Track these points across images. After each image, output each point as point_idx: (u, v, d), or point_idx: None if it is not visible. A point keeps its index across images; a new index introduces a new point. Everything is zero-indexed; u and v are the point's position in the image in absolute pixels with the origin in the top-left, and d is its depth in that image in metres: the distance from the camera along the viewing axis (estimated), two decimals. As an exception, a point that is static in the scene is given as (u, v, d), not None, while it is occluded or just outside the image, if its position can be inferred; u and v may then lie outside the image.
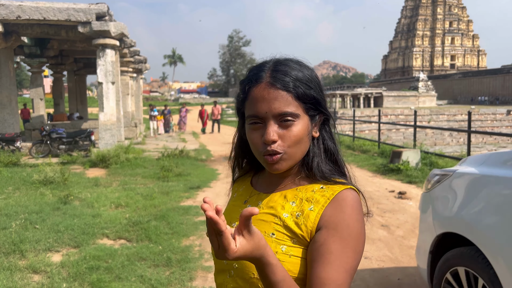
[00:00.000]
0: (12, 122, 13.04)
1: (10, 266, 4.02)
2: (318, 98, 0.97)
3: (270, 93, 0.93)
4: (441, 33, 76.78)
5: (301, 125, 0.94)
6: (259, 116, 0.94)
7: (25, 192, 7.25)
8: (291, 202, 0.97)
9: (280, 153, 0.93)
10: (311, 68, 1.00)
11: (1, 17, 10.52)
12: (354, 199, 0.93)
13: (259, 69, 0.97)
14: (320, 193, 0.95)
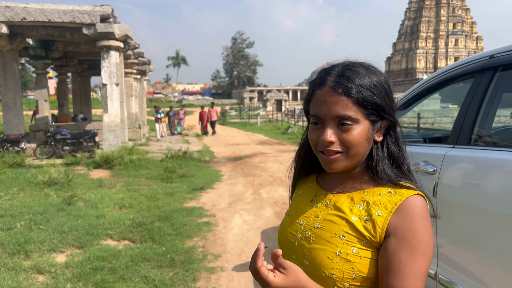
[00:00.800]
0: (17, 123, 13.12)
1: (15, 267, 4.06)
2: (381, 105, 0.98)
3: (331, 96, 0.97)
4: (444, 35, 76.62)
5: (360, 129, 0.96)
6: (319, 116, 0.98)
7: (29, 193, 7.29)
8: (359, 205, 0.99)
9: (337, 153, 0.98)
10: (381, 74, 1.02)
11: (6, 19, 10.60)
12: (421, 205, 0.94)
13: (327, 73, 1.02)
14: (388, 198, 0.97)
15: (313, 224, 1.04)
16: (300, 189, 1.18)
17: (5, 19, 10.59)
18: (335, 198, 1.05)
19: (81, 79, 20.85)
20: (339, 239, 0.97)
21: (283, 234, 1.11)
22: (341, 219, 0.99)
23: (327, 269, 0.95)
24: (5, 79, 12.93)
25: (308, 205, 1.10)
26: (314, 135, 1.01)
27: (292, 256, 1.05)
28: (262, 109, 45.02)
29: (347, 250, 0.95)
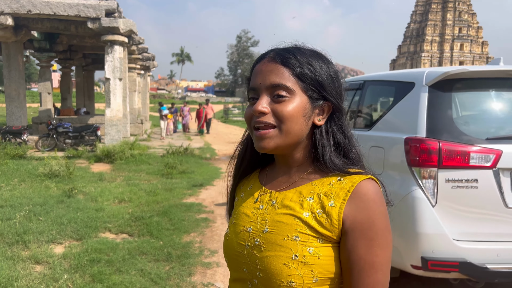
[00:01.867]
0: (20, 115, 13.18)
1: (13, 256, 4.09)
2: (322, 82, 0.92)
3: (268, 66, 0.92)
4: (450, 39, 76.48)
5: (296, 103, 0.90)
6: (254, 88, 0.93)
7: (30, 185, 7.34)
8: (309, 198, 0.91)
9: (270, 128, 0.90)
10: (329, 62, 0.96)
11: (12, 11, 10.65)
12: (375, 191, 0.88)
13: (271, 50, 0.97)
14: (339, 186, 0.90)
15: (261, 229, 0.93)
16: (242, 192, 1.07)
17: (11, 11, 10.63)
18: (281, 196, 0.95)
19: (85, 73, 20.90)
20: (293, 241, 0.87)
21: (229, 246, 0.99)
22: (291, 218, 0.90)
23: (284, 277, 0.86)
24: (9, 70, 12.99)
25: (252, 208, 0.99)
26: (248, 110, 0.94)
27: (243, 269, 0.94)
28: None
29: (303, 252, 0.86)
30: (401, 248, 2.94)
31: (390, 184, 3.02)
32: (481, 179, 2.81)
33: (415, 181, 2.89)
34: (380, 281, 0.86)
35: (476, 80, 3.14)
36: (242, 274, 0.95)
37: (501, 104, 3.21)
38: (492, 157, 2.80)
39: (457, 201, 2.84)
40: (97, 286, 3.49)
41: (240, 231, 0.97)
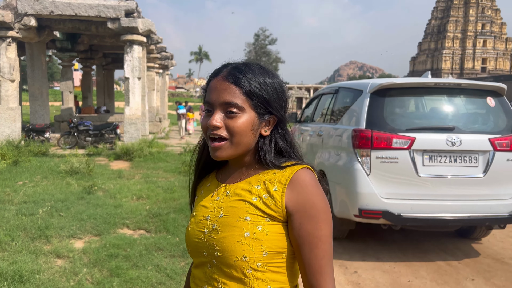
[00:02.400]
0: (43, 113, 13.53)
1: (35, 250, 4.24)
2: (268, 99, 1.06)
3: (222, 84, 1.05)
4: (472, 35, 74.80)
5: (246, 118, 1.03)
6: (209, 102, 1.06)
7: (52, 181, 7.55)
8: (257, 186, 1.06)
9: (223, 141, 1.04)
10: (275, 75, 1.10)
11: (35, 12, 10.93)
12: (311, 177, 1.04)
13: (224, 66, 1.10)
14: (281, 173, 1.05)
15: (217, 215, 1.07)
16: (202, 190, 1.21)
17: (34, 12, 10.92)
18: (234, 187, 1.10)
19: (105, 72, 21.28)
20: (244, 221, 1.02)
21: (191, 235, 1.11)
22: (242, 203, 1.05)
23: (239, 252, 1.00)
24: (33, 70, 13.34)
25: (210, 200, 1.13)
26: (204, 122, 1.07)
27: (203, 253, 1.07)
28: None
29: (254, 229, 1.01)
30: (347, 203, 4.25)
31: (342, 160, 4.49)
32: (400, 157, 4.08)
33: (356, 158, 4.18)
34: (327, 250, 1.01)
35: (400, 89, 4.45)
36: (202, 258, 1.08)
37: (417, 105, 4.62)
38: (408, 142, 4.08)
39: (384, 172, 4.11)
40: (115, 280, 3.59)
41: (200, 220, 1.10)
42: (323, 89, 6.22)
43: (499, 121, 4.36)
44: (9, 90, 11.02)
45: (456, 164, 4.11)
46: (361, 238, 4.98)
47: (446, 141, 4.07)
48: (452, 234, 5.16)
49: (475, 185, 4.14)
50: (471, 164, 4.13)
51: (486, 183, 4.13)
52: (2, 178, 7.57)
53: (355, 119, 4.39)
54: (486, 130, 4.31)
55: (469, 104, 4.52)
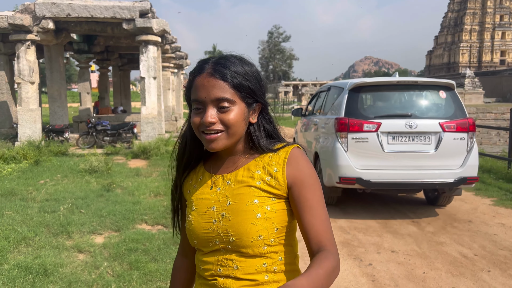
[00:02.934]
0: (62, 114, 13.83)
1: (58, 245, 4.39)
2: (253, 89, 1.13)
3: (209, 81, 1.09)
4: (490, 28, 73.28)
5: (237, 110, 1.10)
6: (199, 100, 1.10)
7: (72, 180, 7.75)
8: (257, 171, 1.14)
9: (219, 133, 1.09)
10: (252, 64, 1.16)
11: (52, 15, 11.18)
12: (302, 153, 1.17)
13: (204, 62, 1.14)
14: (277, 156, 1.15)
15: (224, 204, 1.13)
16: (193, 184, 1.24)
17: (52, 15, 11.17)
18: (233, 175, 1.16)
19: (121, 72, 21.58)
20: (254, 204, 1.10)
21: (196, 228, 1.15)
22: (248, 188, 1.13)
23: (254, 233, 1.08)
24: (51, 72, 13.65)
25: (210, 192, 1.17)
26: (197, 119, 1.11)
27: (214, 241, 1.12)
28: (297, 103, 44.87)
29: (264, 209, 1.10)
30: (332, 174, 5.50)
31: (328, 142, 5.74)
32: (370, 137, 5.34)
33: (337, 139, 5.44)
34: (324, 212, 1.12)
35: (371, 86, 5.81)
36: (214, 246, 1.13)
37: (383, 98, 5.89)
38: (376, 126, 5.34)
39: (358, 149, 5.36)
40: (134, 273, 3.70)
41: (204, 212, 1.15)
42: (321, 87, 7.59)
43: (448, 109, 5.60)
44: (29, 92, 11.31)
45: (413, 142, 5.39)
46: (375, 232, 5.01)
47: (405, 125, 5.35)
48: (462, 221, 5.15)
49: (428, 158, 5.38)
50: (425, 142, 5.39)
51: (437, 156, 5.36)
52: (24, 177, 7.80)
53: (338, 110, 5.72)
54: (437, 116, 5.51)
55: (424, 96, 5.78)
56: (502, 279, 3.70)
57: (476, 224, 5.30)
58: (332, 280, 1.01)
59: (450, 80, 5.89)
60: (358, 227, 5.20)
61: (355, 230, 5.08)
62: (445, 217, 5.59)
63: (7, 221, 5.06)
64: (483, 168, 8.67)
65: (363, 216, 5.67)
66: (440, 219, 5.53)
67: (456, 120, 5.42)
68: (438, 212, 5.85)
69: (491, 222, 5.39)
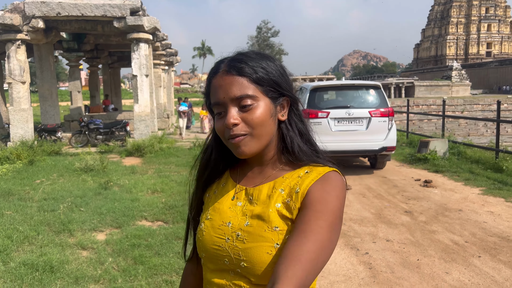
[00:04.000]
0: (53, 113, 13.78)
1: (61, 243, 4.47)
2: (277, 81, 1.00)
3: (225, 79, 0.97)
4: (476, 20, 74.11)
5: (262, 107, 0.97)
6: (219, 102, 0.98)
7: (68, 179, 7.79)
8: (280, 190, 0.99)
9: (244, 135, 0.96)
10: (273, 58, 1.04)
11: (42, 14, 11.13)
12: (337, 179, 0.97)
13: (220, 62, 1.02)
14: (306, 177, 0.98)
15: (242, 223, 0.99)
16: (214, 189, 1.12)
17: (41, 14, 11.12)
18: (257, 191, 1.02)
19: (111, 70, 21.50)
20: (273, 231, 0.94)
21: (206, 240, 1.02)
22: (268, 211, 0.97)
23: (269, 264, 0.92)
24: (42, 71, 13.58)
25: (230, 205, 1.05)
26: (220, 124, 0.98)
27: (224, 261, 0.99)
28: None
29: (284, 239, 0.93)
30: None
31: None
32: (323, 121, 7.66)
33: None
34: (314, 251, 0.87)
35: (323, 87, 8.46)
36: (222, 265, 0.99)
37: (332, 96, 8.44)
38: (326, 114, 7.72)
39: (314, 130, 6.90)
40: (139, 267, 3.81)
41: (219, 225, 1.02)
42: (298, 87, 9.56)
43: (375, 101, 8.04)
44: (20, 92, 11.27)
45: (351, 124, 7.84)
46: (370, 223, 5.17)
47: (345, 113, 7.82)
48: (453, 210, 5.33)
49: (361, 135, 7.77)
50: (359, 124, 7.84)
51: (367, 133, 7.77)
52: (20, 177, 7.83)
53: (303, 103, 7.62)
54: (367, 106, 7.95)
55: (359, 93, 8.28)
56: (492, 264, 3.89)
57: (466, 213, 5.49)
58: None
59: (377, 82, 8.64)
60: (353, 218, 5.36)
61: (350, 221, 5.24)
62: (436, 207, 5.78)
63: (8, 221, 5.12)
64: (471, 159, 8.91)
65: (358, 208, 5.84)
66: (432, 209, 5.72)
67: (380, 109, 7.84)
68: (430, 203, 6.03)
69: (481, 211, 5.59)
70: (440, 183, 7.28)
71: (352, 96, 8.22)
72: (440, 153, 9.18)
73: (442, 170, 8.21)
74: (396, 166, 9.02)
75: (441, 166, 8.43)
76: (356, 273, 3.76)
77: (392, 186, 7.10)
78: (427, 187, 7.01)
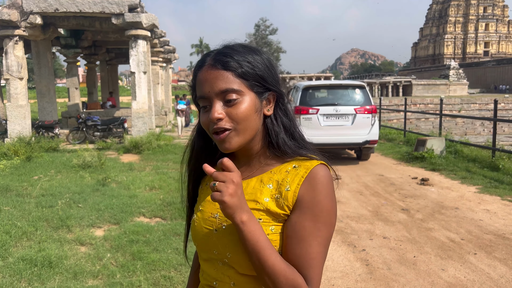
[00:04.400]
0: (51, 110, 13.76)
1: (59, 239, 4.49)
2: (263, 76, 1.00)
3: (211, 73, 0.97)
4: (474, 19, 74.25)
5: (247, 102, 0.97)
6: (204, 96, 0.98)
7: (66, 175, 7.79)
8: (268, 185, 1.00)
9: (229, 130, 0.97)
10: (260, 51, 1.04)
11: (40, 10, 11.10)
12: (325, 175, 0.98)
13: (206, 55, 1.03)
14: (294, 173, 0.99)
15: None
16: (206, 180, 1.15)
17: (39, 10, 11.08)
18: (244, 184, 1.03)
19: (109, 67, 21.45)
20: None
21: (198, 231, 1.05)
22: (254, 203, 0.99)
23: None
24: (39, 67, 13.54)
25: None
26: (205, 118, 0.99)
27: (213, 251, 1.02)
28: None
29: (267, 230, 0.96)
30: None
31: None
32: (313, 117, 8.67)
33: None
34: (320, 252, 0.95)
35: (314, 87, 9.40)
36: (212, 255, 1.02)
37: (322, 94, 9.35)
38: (316, 111, 8.71)
39: (306, 124, 8.37)
40: (138, 263, 3.83)
41: (208, 217, 1.04)
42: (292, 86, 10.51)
43: (360, 99, 8.96)
44: (18, 88, 11.24)
45: (338, 120, 8.74)
46: (367, 220, 5.20)
47: (333, 110, 8.72)
48: (450, 208, 5.37)
49: (347, 129, 8.69)
50: (345, 120, 8.75)
51: (353, 128, 8.69)
52: (17, 174, 7.82)
53: (296, 101, 8.83)
54: (353, 104, 8.87)
55: (346, 92, 9.20)
56: (487, 261, 3.92)
57: (462, 211, 5.53)
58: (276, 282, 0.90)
59: (362, 82, 9.86)
60: (350, 216, 5.39)
61: (347, 219, 5.27)
62: (433, 205, 5.82)
63: (6, 216, 5.13)
64: (468, 158, 8.96)
65: (355, 206, 5.87)
66: (429, 206, 5.75)
67: (364, 107, 8.80)
68: (427, 201, 6.07)
69: (477, 209, 5.63)
70: (437, 181, 7.32)
71: (340, 94, 9.12)
72: (437, 151, 9.23)
73: (439, 169, 8.25)
74: (393, 164, 9.06)
75: (438, 165, 8.47)
76: (353, 270, 3.79)
77: (389, 184, 7.14)
78: (424, 185, 7.05)
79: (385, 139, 13.22)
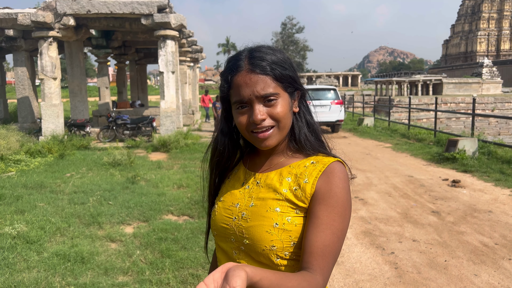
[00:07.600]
0: (82, 109, 14.14)
1: (91, 235, 4.61)
2: (293, 76, 1.10)
3: (251, 78, 1.05)
4: (509, 15, 71.63)
5: (284, 102, 1.07)
6: (244, 100, 1.05)
7: (97, 173, 7.99)
8: (287, 178, 1.08)
9: (271, 129, 1.06)
10: (282, 51, 1.13)
11: (73, 12, 11.42)
12: (341, 170, 1.05)
13: (237, 59, 1.09)
14: (312, 167, 1.07)
15: (247, 204, 1.09)
16: (229, 176, 1.23)
17: (72, 12, 11.41)
18: (264, 176, 1.12)
19: (138, 67, 21.85)
20: (274, 212, 1.04)
21: (218, 219, 1.13)
22: (273, 194, 1.07)
23: (267, 242, 1.02)
24: (72, 67, 13.94)
25: (240, 188, 1.15)
26: (243, 118, 1.07)
27: (231, 238, 1.09)
28: (312, 95, 45.03)
29: (283, 220, 1.03)
30: None
31: None
32: None
33: None
34: (334, 242, 0.99)
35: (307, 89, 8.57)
36: (229, 243, 1.10)
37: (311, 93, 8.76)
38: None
39: None
40: (166, 260, 3.89)
41: (228, 206, 1.13)
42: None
43: (333, 97, 15.24)
44: (52, 88, 11.60)
45: (322, 108, 14.47)
46: (396, 222, 5.11)
47: (319, 103, 14.48)
48: (483, 211, 5.20)
49: (326, 113, 14.70)
50: (325, 108, 14.76)
51: (329, 112, 14.85)
52: (51, 171, 8.08)
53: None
54: (330, 99, 15.08)
55: (327, 92, 15.35)
56: (523, 267, 3.79)
57: (496, 214, 5.36)
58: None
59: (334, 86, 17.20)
60: (378, 218, 5.31)
61: (376, 220, 5.19)
62: (465, 208, 5.66)
63: (41, 212, 5.31)
64: (502, 159, 8.66)
65: (383, 207, 5.78)
66: (460, 209, 5.60)
67: (336, 101, 14.94)
68: (458, 203, 5.91)
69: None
70: (469, 183, 7.12)
71: (322, 93, 15.10)
72: (469, 152, 8.97)
73: (471, 170, 8.01)
74: (423, 165, 8.87)
75: (470, 166, 8.23)
76: (382, 273, 3.73)
77: (419, 186, 6.99)
78: (455, 187, 6.87)
79: (414, 139, 12.95)
